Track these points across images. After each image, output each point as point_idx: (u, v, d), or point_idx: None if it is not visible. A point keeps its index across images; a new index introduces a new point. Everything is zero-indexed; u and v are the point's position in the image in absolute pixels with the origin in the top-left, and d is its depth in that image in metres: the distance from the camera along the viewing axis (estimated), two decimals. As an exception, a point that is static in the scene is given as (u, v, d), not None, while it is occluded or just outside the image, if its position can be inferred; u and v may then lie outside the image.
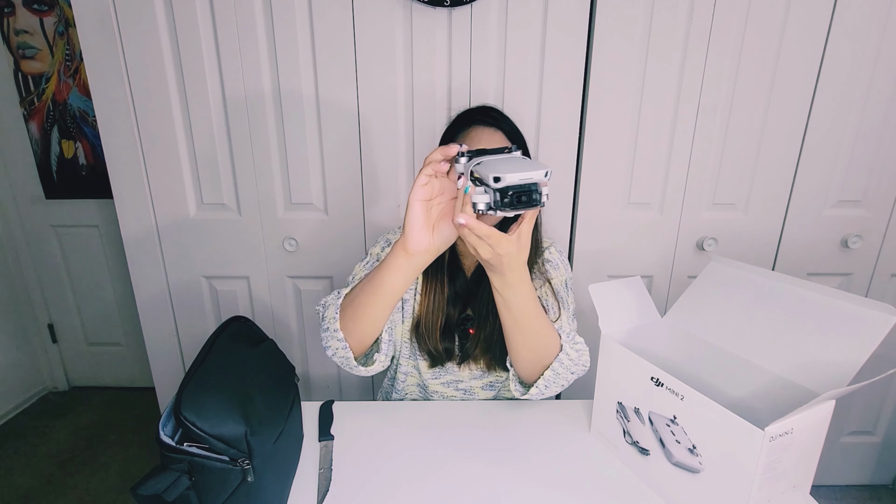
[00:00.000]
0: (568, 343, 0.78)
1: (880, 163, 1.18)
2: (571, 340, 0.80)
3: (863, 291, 1.29)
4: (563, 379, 0.79)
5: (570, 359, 0.78)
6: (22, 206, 1.93)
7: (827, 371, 0.60)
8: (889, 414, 1.42)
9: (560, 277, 0.90)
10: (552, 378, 0.77)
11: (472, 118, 0.86)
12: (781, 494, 0.60)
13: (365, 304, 0.71)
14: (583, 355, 0.81)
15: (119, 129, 1.15)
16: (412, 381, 0.95)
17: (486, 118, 0.84)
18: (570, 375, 0.80)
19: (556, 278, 0.90)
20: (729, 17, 1.08)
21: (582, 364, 0.81)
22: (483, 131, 0.83)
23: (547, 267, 0.91)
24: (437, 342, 0.87)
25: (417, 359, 0.92)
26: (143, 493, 0.52)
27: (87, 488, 1.58)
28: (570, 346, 0.78)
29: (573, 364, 0.79)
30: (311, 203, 1.21)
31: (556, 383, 0.78)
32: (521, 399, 0.82)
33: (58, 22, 1.75)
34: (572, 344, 0.79)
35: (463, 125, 0.86)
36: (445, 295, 0.87)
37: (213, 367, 0.63)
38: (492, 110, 0.87)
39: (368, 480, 0.71)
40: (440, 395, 0.93)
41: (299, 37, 1.09)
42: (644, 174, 1.19)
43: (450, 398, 0.94)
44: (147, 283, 1.26)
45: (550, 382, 0.77)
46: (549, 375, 0.76)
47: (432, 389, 0.93)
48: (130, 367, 2.13)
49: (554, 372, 0.77)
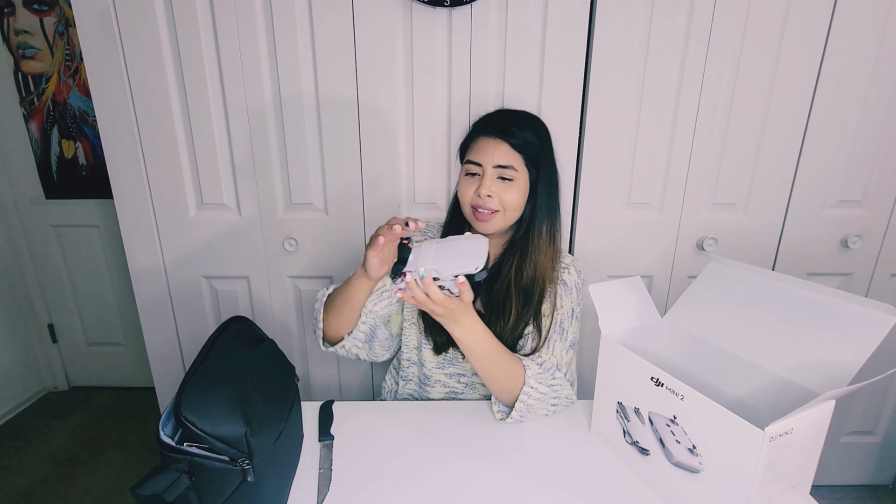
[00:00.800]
0: (533, 378, 0.80)
1: (880, 163, 1.18)
2: (548, 375, 0.82)
3: (863, 291, 1.29)
4: (540, 410, 0.83)
5: (539, 392, 0.81)
6: (22, 206, 1.93)
7: (827, 371, 0.60)
8: (889, 414, 1.42)
9: (568, 306, 0.89)
10: (524, 410, 0.81)
11: (483, 127, 0.86)
12: (781, 494, 0.60)
13: (337, 308, 0.88)
14: (559, 390, 0.83)
15: (119, 129, 1.15)
16: (416, 371, 0.97)
17: (495, 129, 0.83)
18: (551, 407, 0.84)
19: (564, 306, 0.89)
20: (729, 18, 1.08)
21: (564, 397, 0.85)
22: (488, 143, 0.83)
23: (560, 290, 0.89)
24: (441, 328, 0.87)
25: (423, 348, 0.93)
26: (143, 493, 0.52)
27: (87, 488, 1.58)
28: (535, 380, 0.81)
29: (545, 397, 0.82)
30: (311, 203, 1.21)
31: (533, 413, 0.83)
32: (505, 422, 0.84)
33: (58, 22, 1.75)
34: (546, 379, 0.82)
35: (475, 133, 0.87)
36: None
37: (213, 368, 0.63)
38: (506, 118, 0.85)
39: (368, 480, 0.71)
40: (443, 384, 0.94)
41: (299, 36, 1.09)
42: (644, 174, 1.19)
43: (452, 389, 0.95)
44: (147, 283, 1.26)
45: (524, 413, 0.82)
46: (521, 407, 0.81)
47: (435, 379, 0.94)
48: (130, 367, 2.13)
49: (524, 404, 0.81)
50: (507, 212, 0.84)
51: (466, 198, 0.85)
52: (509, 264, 0.87)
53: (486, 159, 0.82)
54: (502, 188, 0.82)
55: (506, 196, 0.82)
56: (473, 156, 0.84)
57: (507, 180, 0.82)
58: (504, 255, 0.90)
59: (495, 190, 0.82)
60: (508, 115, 0.88)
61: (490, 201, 0.82)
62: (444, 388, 0.95)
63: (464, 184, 0.86)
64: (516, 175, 0.82)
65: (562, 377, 0.84)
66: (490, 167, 0.82)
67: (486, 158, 0.82)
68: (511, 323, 0.85)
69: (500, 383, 0.81)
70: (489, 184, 0.82)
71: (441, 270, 0.67)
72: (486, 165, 0.82)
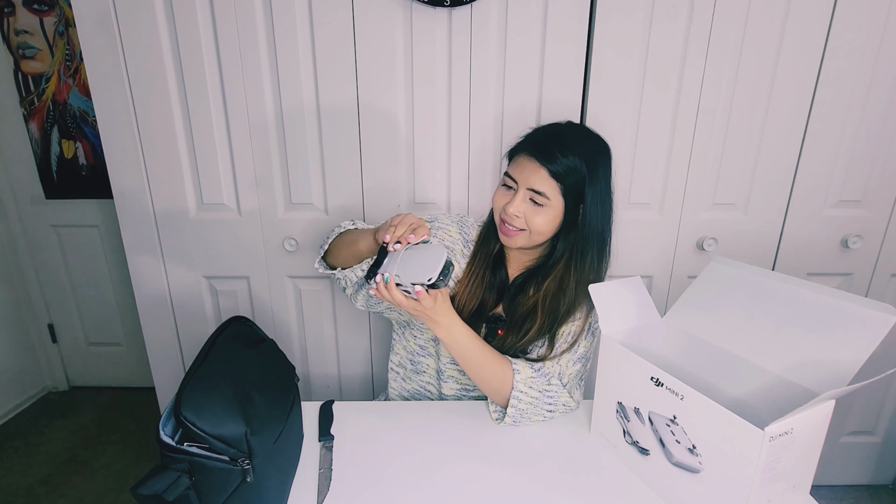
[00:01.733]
0: (523, 382, 0.81)
1: (880, 163, 1.18)
2: (541, 380, 0.82)
3: (863, 291, 1.28)
4: (535, 415, 0.83)
5: (530, 397, 0.81)
6: (22, 206, 1.93)
7: (827, 371, 0.60)
8: (889, 414, 1.42)
9: (586, 322, 0.88)
10: (516, 414, 0.82)
11: (530, 144, 0.82)
12: (781, 494, 0.60)
13: (346, 244, 0.90)
14: (554, 397, 0.83)
15: (119, 129, 1.15)
16: (433, 363, 0.96)
17: (538, 151, 0.80)
18: (547, 413, 0.84)
19: (586, 323, 0.88)
20: (729, 18, 1.08)
21: (562, 405, 0.84)
22: (528, 164, 0.80)
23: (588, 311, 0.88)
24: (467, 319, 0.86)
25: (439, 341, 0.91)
26: (143, 492, 0.52)
27: (88, 488, 1.58)
28: (525, 385, 0.81)
29: (538, 402, 0.82)
30: (311, 203, 1.21)
31: (527, 418, 0.83)
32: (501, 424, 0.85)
33: (58, 22, 1.75)
34: (535, 384, 0.82)
35: (522, 145, 0.84)
36: (485, 283, 0.90)
37: (213, 368, 0.63)
38: (554, 140, 0.81)
39: (368, 480, 0.71)
40: (455, 380, 0.94)
41: (299, 36, 1.09)
42: (644, 174, 1.19)
43: (464, 385, 0.94)
44: (147, 283, 1.26)
45: (517, 418, 0.82)
46: (512, 412, 0.81)
47: (448, 374, 0.94)
48: (130, 367, 2.13)
49: (515, 409, 0.81)
50: (533, 234, 0.83)
51: (497, 207, 0.86)
52: (540, 285, 0.86)
53: (522, 179, 0.81)
54: (532, 211, 0.81)
55: (534, 219, 0.81)
56: (512, 170, 0.83)
57: (538, 205, 0.81)
58: (535, 271, 0.89)
59: (524, 210, 0.81)
60: (558, 136, 0.82)
61: (517, 220, 0.82)
62: (457, 385, 0.94)
63: (498, 193, 0.86)
64: (548, 203, 0.80)
65: (558, 385, 0.83)
66: (524, 188, 0.81)
67: (521, 178, 0.81)
68: (527, 338, 0.85)
69: (488, 383, 0.82)
70: (518, 204, 0.81)
71: (402, 277, 0.73)
72: (521, 186, 0.81)
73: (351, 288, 0.93)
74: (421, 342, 0.96)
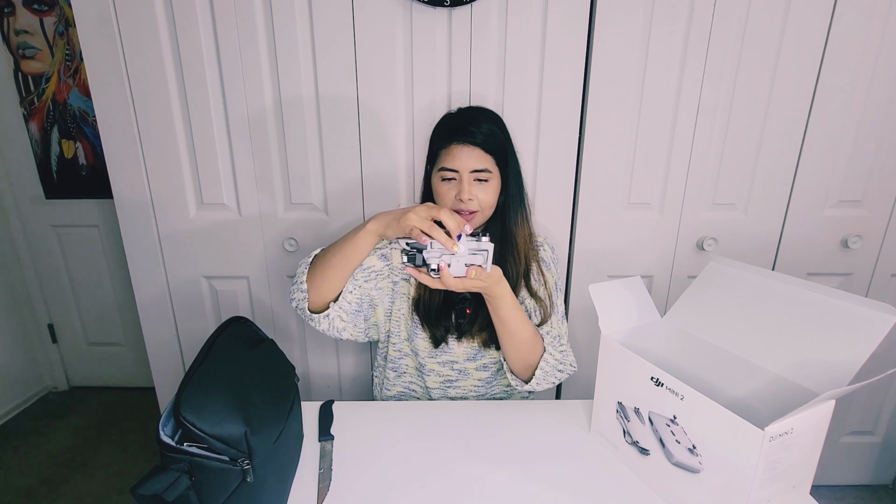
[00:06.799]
0: (551, 345, 0.89)
1: (880, 163, 1.18)
2: (557, 343, 0.91)
3: (863, 291, 1.28)
4: (552, 377, 0.90)
5: (555, 359, 0.89)
6: (22, 206, 1.93)
7: (827, 371, 0.60)
8: (889, 414, 1.42)
9: (551, 280, 0.96)
10: (542, 376, 0.89)
11: (453, 135, 0.87)
12: (781, 494, 0.60)
13: (333, 266, 0.85)
14: (567, 356, 0.92)
15: (119, 129, 1.15)
16: (410, 362, 0.99)
17: (465, 135, 0.86)
18: (559, 374, 0.91)
19: (548, 281, 0.96)
20: (729, 18, 1.08)
21: (569, 364, 0.92)
22: (462, 150, 0.87)
23: (542, 267, 0.96)
24: (436, 319, 0.93)
25: (414, 338, 0.95)
26: (143, 493, 0.52)
27: (87, 488, 1.58)
28: (552, 347, 0.89)
29: (558, 363, 0.89)
30: (311, 203, 1.21)
31: (546, 380, 0.90)
32: (520, 390, 0.92)
33: (58, 22, 1.75)
34: (557, 346, 0.90)
35: (445, 138, 0.89)
36: None
37: (213, 368, 0.63)
38: (471, 121, 0.88)
39: (368, 480, 0.71)
40: (437, 373, 0.97)
41: (299, 36, 1.09)
42: (644, 174, 1.19)
43: (446, 377, 0.97)
44: (147, 283, 1.26)
45: (541, 380, 0.89)
46: (539, 374, 0.88)
47: (429, 368, 0.96)
48: (130, 367, 2.13)
49: (542, 371, 0.87)
50: (485, 210, 0.89)
51: (448, 200, 0.89)
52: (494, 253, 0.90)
53: (462, 166, 0.86)
54: (479, 189, 0.88)
55: (483, 196, 0.88)
56: (449, 163, 0.87)
57: (483, 181, 0.88)
58: None
59: (474, 192, 0.87)
60: (471, 117, 0.90)
61: (472, 203, 0.87)
62: (439, 378, 0.97)
63: (443, 189, 0.89)
64: (490, 176, 0.87)
65: (567, 345, 0.93)
66: (467, 173, 0.86)
67: (462, 165, 0.86)
68: None
69: (524, 346, 0.86)
70: (468, 188, 0.86)
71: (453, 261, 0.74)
72: (463, 172, 0.86)
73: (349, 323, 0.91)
74: (398, 347, 0.98)
